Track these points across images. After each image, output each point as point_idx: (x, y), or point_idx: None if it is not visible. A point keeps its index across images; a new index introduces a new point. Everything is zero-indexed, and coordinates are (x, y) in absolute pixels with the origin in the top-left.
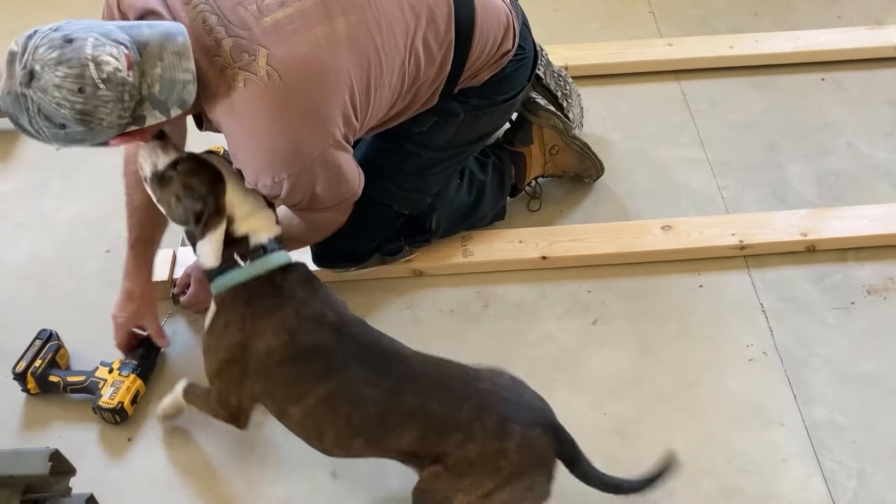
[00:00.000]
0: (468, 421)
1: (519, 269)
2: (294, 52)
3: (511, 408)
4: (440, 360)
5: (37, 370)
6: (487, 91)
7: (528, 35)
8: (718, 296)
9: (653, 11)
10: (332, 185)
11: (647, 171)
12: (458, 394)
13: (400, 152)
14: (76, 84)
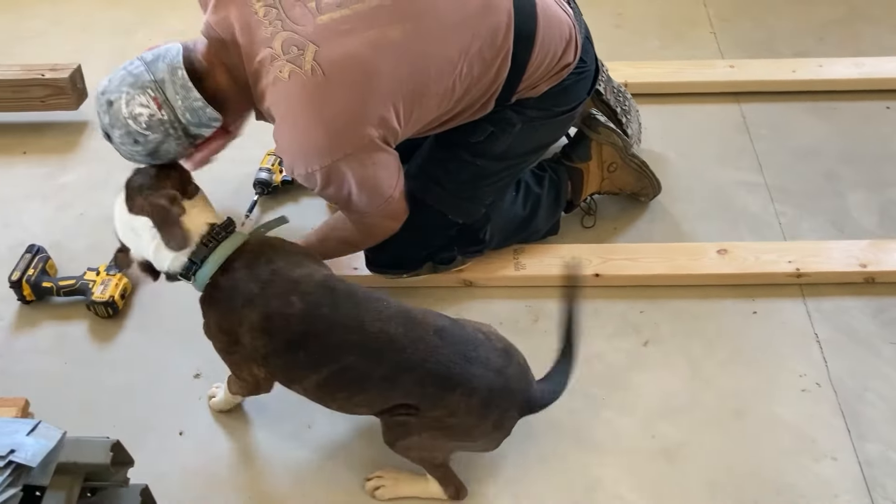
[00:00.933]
0: (455, 402)
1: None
2: (341, 50)
3: (498, 394)
4: (433, 340)
5: (31, 278)
6: (545, 103)
7: (590, 49)
8: (772, 323)
9: (714, 32)
10: (366, 183)
11: (704, 193)
12: (454, 381)
13: (456, 161)
14: (130, 139)
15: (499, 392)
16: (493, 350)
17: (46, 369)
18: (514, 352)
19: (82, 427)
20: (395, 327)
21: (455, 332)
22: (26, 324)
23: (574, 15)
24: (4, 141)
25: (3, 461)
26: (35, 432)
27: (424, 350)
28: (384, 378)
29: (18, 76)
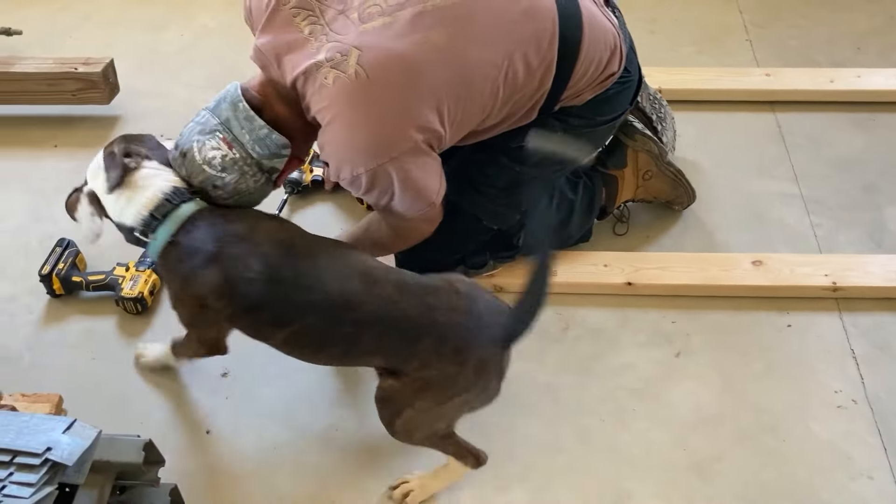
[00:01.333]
0: (426, 352)
1: (602, 293)
2: (384, 52)
3: (468, 334)
4: (393, 295)
5: (61, 272)
6: (588, 111)
7: (634, 59)
8: (807, 337)
9: (750, 39)
10: (410, 187)
11: (738, 203)
12: (415, 331)
13: (495, 166)
14: (211, 183)
15: (469, 333)
16: (455, 294)
17: (74, 364)
18: (478, 289)
19: (110, 423)
20: (353, 285)
21: (414, 284)
22: (55, 318)
23: (619, 24)
24: (36, 134)
25: (40, 459)
26: (71, 430)
27: (382, 305)
28: (346, 336)
29: (52, 69)
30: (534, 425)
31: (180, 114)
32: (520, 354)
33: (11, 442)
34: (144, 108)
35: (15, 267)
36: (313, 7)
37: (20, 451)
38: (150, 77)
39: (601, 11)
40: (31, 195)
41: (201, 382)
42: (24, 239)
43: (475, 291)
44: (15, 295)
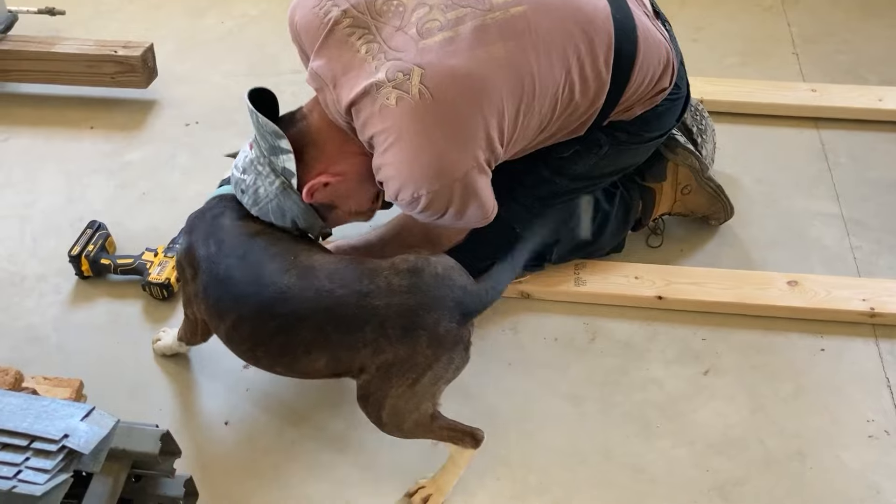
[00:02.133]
0: (373, 339)
1: (632, 305)
2: (447, 71)
3: (412, 314)
4: (325, 284)
5: (90, 253)
6: (636, 126)
7: (683, 74)
8: (841, 363)
9: (797, 53)
10: (466, 207)
11: (776, 220)
12: (356, 320)
13: (534, 175)
14: (238, 188)
15: (412, 312)
16: (395, 273)
17: (99, 347)
18: (424, 265)
19: (130, 409)
20: (288, 279)
21: (348, 270)
22: (83, 299)
23: (669, 38)
24: (74, 115)
25: (57, 445)
26: (89, 418)
27: (315, 296)
28: (282, 329)
29: (92, 51)
30: (554, 436)
31: (215, 101)
32: (543, 364)
33: (30, 426)
34: (181, 93)
35: (45, 247)
36: (369, 25)
37: (38, 436)
38: (189, 63)
39: (654, 25)
40: (66, 176)
41: (223, 373)
42: (56, 219)
43: (420, 264)
44: (44, 275)
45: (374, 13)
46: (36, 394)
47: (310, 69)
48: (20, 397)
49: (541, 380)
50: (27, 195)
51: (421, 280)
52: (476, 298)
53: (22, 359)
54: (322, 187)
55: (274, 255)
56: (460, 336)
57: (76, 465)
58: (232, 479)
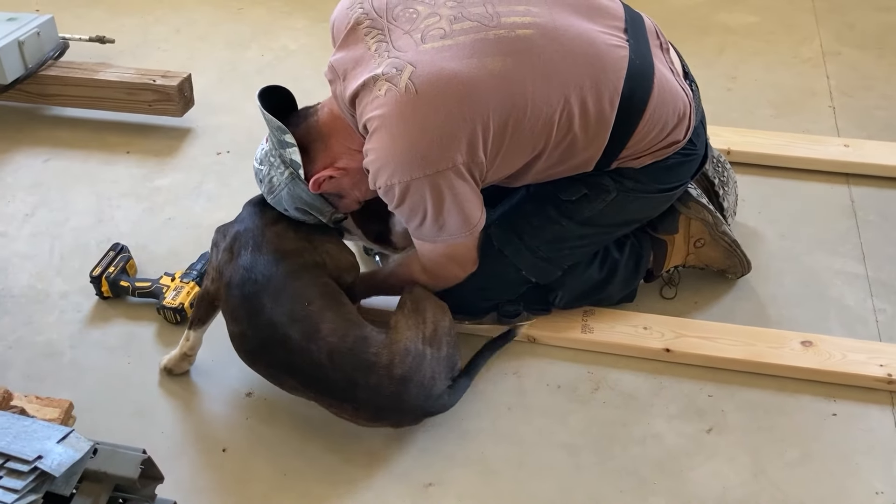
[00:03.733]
0: (348, 408)
1: (638, 356)
2: (436, 70)
3: (386, 412)
4: (322, 359)
5: (110, 275)
6: (644, 177)
7: (702, 134)
8: (852, 429)
9: (834, 106)
10: (443, 211)
11: (797, 277)
12: (339, 396)
13: (542, 217)
14: (257, 178)
15: (389, 411)
16: (388, 377)
17: (111, 366)
18: (415, 372)
19: (133, 429)
20: (294, 331)
21: (349, 355)
22: (100, 319)
23: (693, 97)
24: (112, 139)
25: (29, 466)
26: (65, 441)
27: (310, 363)
28: (277, 362)
29: (132, 79)
30: (546, 486)
31: (247, 131)
32: (543, 411)
33: (7, 446)
34: (216, 123)
35: (71, 266)
36: (383, 27)
37: (12, 455)
38: (227, 93)
39: (676, 80)
40: (98, 198)
41: (226, 400)
42: (84, 239)
43: (413, 372)
44: (67, 293)
45: (390, 17)
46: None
47: (329, 62)
48: (3, 416)
49: (539, 427)
50: (60, 214)
51: (406, 391)
52: (441, 406)
53: (36, 373)
54: (328, 179)
55: (292, 293)
56: (416, 420)
57: (49, 487)
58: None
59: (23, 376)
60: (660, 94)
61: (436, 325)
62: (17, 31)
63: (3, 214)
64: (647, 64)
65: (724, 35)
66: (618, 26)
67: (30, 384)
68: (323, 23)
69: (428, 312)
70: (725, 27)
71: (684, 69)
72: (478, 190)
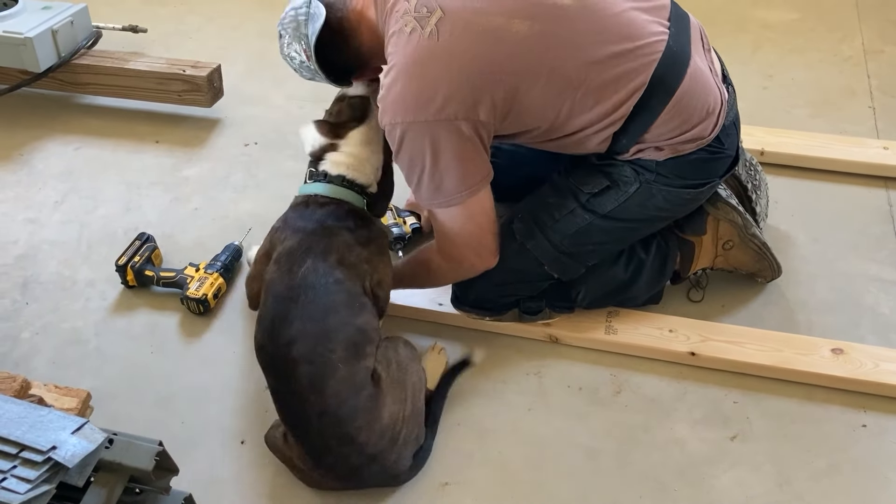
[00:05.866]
0: (315, 462)
1: (663, 359)
2: (462, 24)
3: (340, 477)
4: (329, 398)
5: (136, 264)
6: (665, 170)
7: (733, 135)
8: (882, 441)
9: (874, 107)
10: (440, 164)
11: (829, 283)
12: (309, 447)
13: (564, 209)
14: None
15: (344, 479)
16: (357, 453)
17: (134, 355)
18: (382, 457)
19: (153, 418)
20: (302, 371)
21: (332, 425)
22: (125, 307)
23: (728, 98)
24: (142, 128)
25: (43, 456)
26: (80, 432)
27: (299, 408)
28: (279, 377)
29: (163, 69)
30: (564, 489)
31: (275, 123)
32: (564, 412)
33: (22, 435)
34: (244, 113)
35: (99, 253)
36: None
37: (27, 445)
38: (256, 84)
39: (714, 78)
40: (127, 186)
41: (246, 392)
42: (111, 227)
43: (382, 457)
44: (94, 281)
45: None
46: (42, 401)
47: None
48: (21, 405)
49: (559, 429)
50: (89, 202)
51: (370, 469)
52: (396, 482)
53: (62, 359)
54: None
55: (323, 329)
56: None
57: (62, 477)
58: (243, 497)
59: (48, 363)
60: (691, 84)
61: (413, 402)
62: (51, 20)
63: (34, 201)
64: (683, 53)
65: (761, 32)
66: (662, 14)
67: (55, 371)
68: None
69: (408, 383)
70: (763, 23)
71: (724, 72)
72: (483, 151)
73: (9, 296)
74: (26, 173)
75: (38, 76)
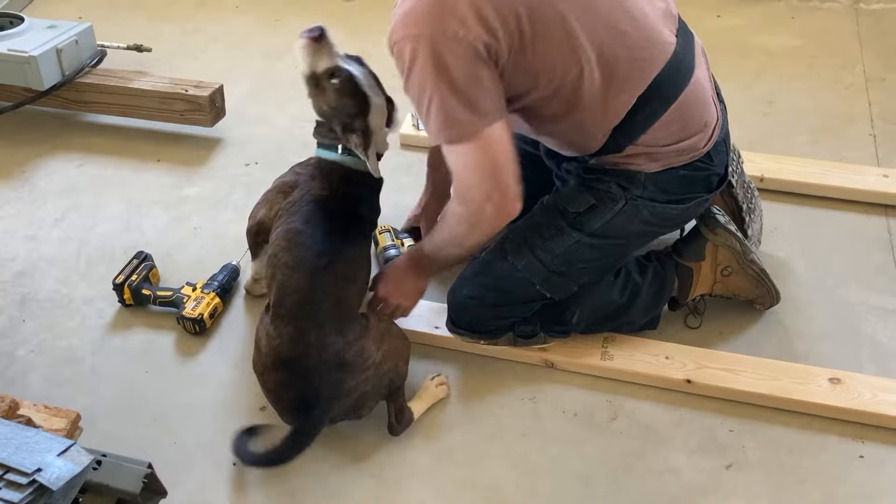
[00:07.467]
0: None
1: (659, 386)
2: None
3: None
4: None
5: (133, 283)
6: (653, 184)
7: (722, 152)
8: (880, 473)
9: (874, 134)
10: (456, 88)
11: (828, 311)
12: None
13: (553, 228)
14: None
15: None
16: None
17: (129, 374)
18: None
19: (146, 439)
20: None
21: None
22: (121, 326)
23: (722, 118)
24: (144, 147)
25: (28, 479)
26: (66, 454)
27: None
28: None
29: (165, 89)
30: None
31: (276, 142)
32: (559, 438)
33: (8, 457)
34: (247, 133)
35: (97, 271)
36: None
37: (12, 467)
38: (259, 104)
39: (712, 94)
40: (127, 204)
41: (240, 413)
42: (111, 246)
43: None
44: (91, 298)
45: None
46: (31, 422)
47: None
48: (8, 426)
49: (553, 455)
50: (89, 219)
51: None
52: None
53: (56, 378)
54: None
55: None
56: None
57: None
58: None
59: (43, 381)
60: (693, 94)
61: (382, 363)
62: (55, 39)
63: (35, 218)
64: (689, 62)
65: (763, 58)
66: (672, 25)
67: (50, 389)
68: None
69: (386, 343)
70: (765, 50)
71: (717, 90)
72: (499, 83)
73: (6, 312)
74: (28, 190)
75: (41, 94)
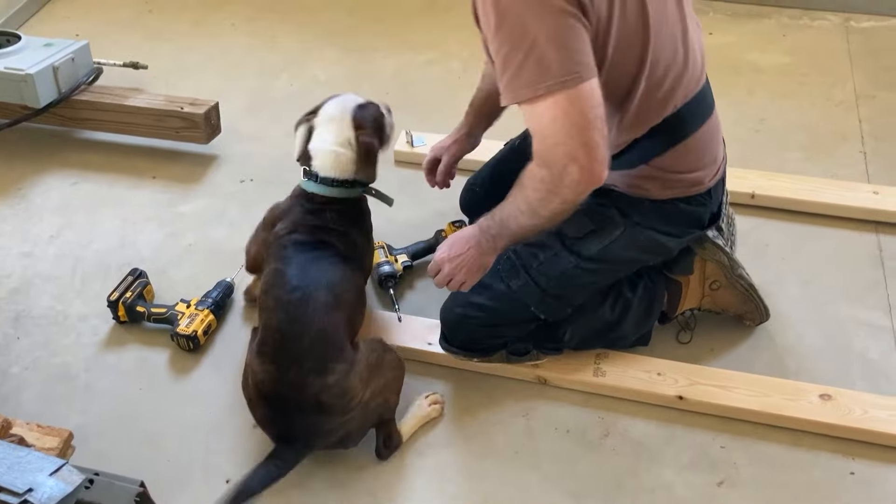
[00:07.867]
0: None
1: (651, 402)
2: None
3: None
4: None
5: (127, 300)
6: (652, 213)
7: (720, 191)
8: (871, 490)
9: (865, 151)
10: (553, 37)
11: (819, 328)
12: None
13: (549, 251)
14: None
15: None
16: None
17: (123, 391)
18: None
19: (139, 456)
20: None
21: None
22: (116, 343)
23: (725, 154)
24: (140, 164)
25: (19, 499)
26: (58, 473)
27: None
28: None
29: (161, 106)
30: None
31: (272, 159)
32: (551, 456)
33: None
34: (242, 151)
35: (92, 288)
36: None
37: (3, 487)
38: (254, 121)
39: (721, 135)
40: (123, 221)
41: (233, 430)
42: (106, 262)
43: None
44: (86, 315)
45: None
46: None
47: None
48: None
49: (545, 472)
50: (84, 236)
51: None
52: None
53: (50, 395)
54: None
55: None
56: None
57: None
58: None
59: (37, 398)
60: (712, 127)
61: (372, 396)
62: (52, 57)
63: (30, 235)
64: (711, 97)
65: (754, 75)
66: (701, 61)
67: (43, 407)
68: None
69: (376, 377)
70: (756, 67)
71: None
72: (589, 42)
73: (0, 330)
74: (24, 207)
75: (38, 111)
